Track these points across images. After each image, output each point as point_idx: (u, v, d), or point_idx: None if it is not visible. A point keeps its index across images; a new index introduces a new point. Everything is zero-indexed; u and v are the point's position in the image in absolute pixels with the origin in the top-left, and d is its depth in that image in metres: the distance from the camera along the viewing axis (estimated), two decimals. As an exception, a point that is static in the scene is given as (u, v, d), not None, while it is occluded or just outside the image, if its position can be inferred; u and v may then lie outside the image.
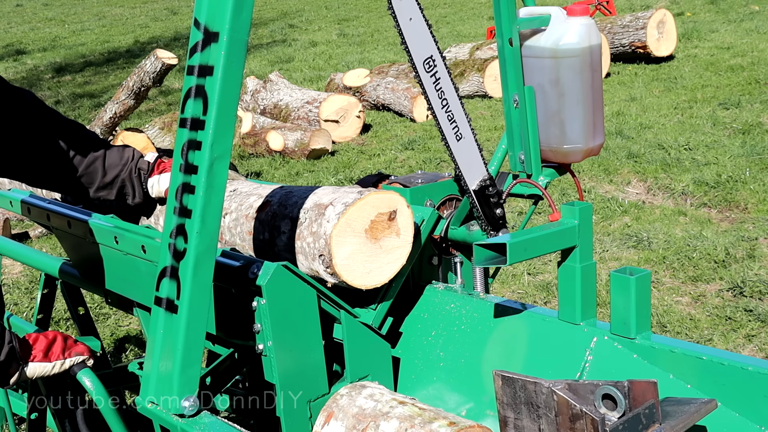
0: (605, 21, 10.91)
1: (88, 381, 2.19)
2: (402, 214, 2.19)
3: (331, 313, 2.15)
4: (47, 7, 22.07)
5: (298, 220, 2.18)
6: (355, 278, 2.13)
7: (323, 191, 2.23)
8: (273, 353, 2.00)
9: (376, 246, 2.15)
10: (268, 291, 1.97)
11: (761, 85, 8.96)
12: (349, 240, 2.10)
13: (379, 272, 2.17)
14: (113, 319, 4.81)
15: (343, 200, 2.12)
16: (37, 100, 2.39)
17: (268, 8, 19.27)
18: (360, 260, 2.13)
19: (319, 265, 2.11)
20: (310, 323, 2.07)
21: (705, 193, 6.08)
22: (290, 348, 2.04)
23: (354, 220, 2.11)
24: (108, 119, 7.37)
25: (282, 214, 2.24)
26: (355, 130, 8.59)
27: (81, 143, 2.40)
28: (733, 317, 4.34)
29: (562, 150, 2.47)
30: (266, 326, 1.99)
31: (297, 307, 2.04)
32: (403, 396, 2.02)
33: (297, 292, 2.04)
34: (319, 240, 2.10)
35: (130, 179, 2.45)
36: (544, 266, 5.12)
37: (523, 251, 2.07)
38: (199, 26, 1.78)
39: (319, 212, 2.13)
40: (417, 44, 2.28)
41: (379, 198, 2.14)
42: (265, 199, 2.33)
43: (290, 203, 2.24)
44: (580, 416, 1.72)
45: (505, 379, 1.90)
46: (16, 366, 2.06)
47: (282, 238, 2.22)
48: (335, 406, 2.03)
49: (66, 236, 2.68)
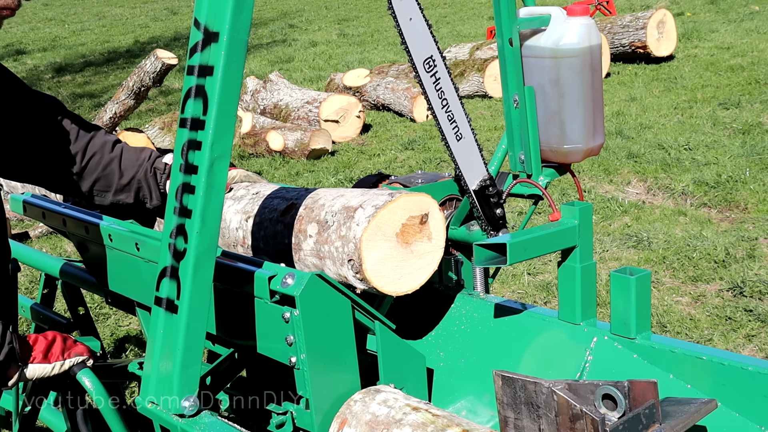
0: (605, 21, 10.91)
1: (88, 381, 2.18)
2: (434, 218, 2.11)
3: (365, 323, 2.07)
4: (47, 7, 22.06)
5: (326, 223, 2.10)
6: (385, 284, 2.05)
7: (351, 194, 2.15)
8: (307, 366, 1.93)
9: (407, 250, 2.07)
10: (302, 302, 1.89)
11: (761, 85, 8.96)
12: (380, 244, 2.03)
13: (410, 278, 2.09)
14: (113, 319, 4.81)
15: (373, 203, 2.05)
16: (59, 104, 2.37)
17: (268, 8, 19.26)
18: (391, 265, 2.05)
19: (348, 271, 2.04)
20: (344, 335, 1.99)
21: (705, 193, 6.08)
22: (324, 361, 1.96)
23: (385, 223, 2.03)
24: (108, 119, 7.37)
25: (308, 217, 2.16)
26: (355, 130, 8.59)
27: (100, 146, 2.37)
28: (733, 317, 4.34)
29: (563, 150, 2.47)
30: (300, 338, 1.92)
31: (332, 318, 1.96)
32: (417, 401, 1.97)
33: (331, 303, 1.96)
34: (348, 244, 2.02)
35: (146, 180, 2.39)
36: (544, 266, 5.12)
37: (523, 251, 2.07)
38: (199, 26, 1.78)
39: (348, 215, 2.06)
40: (417, 44, 2.28)
41: (411, 200, 2.07)
42: (290, 201, 2.26)
43: (317, 206, 2.17)
44: (580, 416, 1.72)
45: (505, 379, 1.90)
46: (16, 367, 2.05)
47: (309, 242, 2.14)
48: (349, 413, 1.98)
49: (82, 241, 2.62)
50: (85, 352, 2.19)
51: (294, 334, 1.93)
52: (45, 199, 2.81)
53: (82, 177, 2.37)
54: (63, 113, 2.36)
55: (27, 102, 2.28)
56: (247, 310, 2.07)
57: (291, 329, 1.93)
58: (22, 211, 2.87)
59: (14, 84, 2.27)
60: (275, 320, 1.97)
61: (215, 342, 2.51)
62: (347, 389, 2.01)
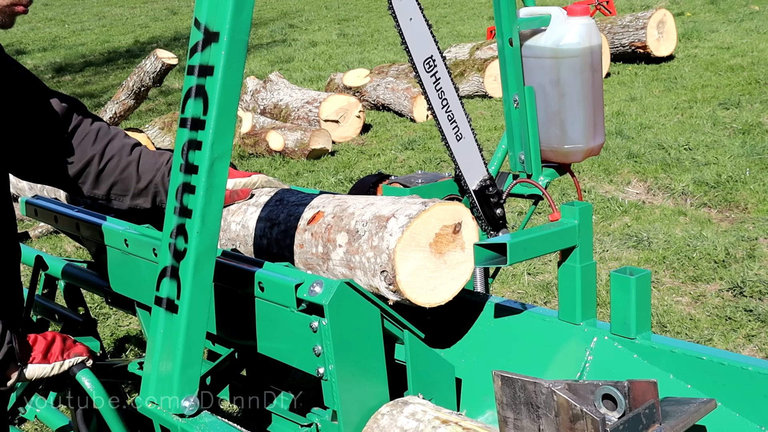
0: (605, 21, 10.91)
1: (88, 382, 2.18)
2: (467, 227, 2.07)
3: (394, 333, 2.03)
4: (47, 7, 22.05)
5: (357, 233, 2.05)
6: (419, 296, 2.01)
7: (382, 202, 2.11)
8: (335, 377, 1.87)
9: (440, 261, 2.03)
10: (330, 310, 1.84)
11: (761, 85, 8.96)
12: (413, 255, 1.98)
13: (444, 289, 2.05)
14: (113, 319, 4.81)
15: (405, 212, 2.01)
16: (79, 105, 2.35)
17: (268, 8, 19.27)
18: (424, 276, 2.01)
19: (380, 282, 1.99)
20: (374, 344, 1.94)
21: (705, 193, 6.08)
22: (353, 371, 1.91)
23: (419, 233, 1.98)
24: (108, 119, 7.37)
25: (337, 226, 2.11)
26: (355, 130, 8.59)
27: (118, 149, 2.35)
28: (733, 317, 4.34)
29: (563, 150, 2.47)
30: (328, 348, 1.86)
31: (361, 328, 1.91)
32: (448, 412, 1.91)
33: (361, 312, 1.90)
34: (381, 255, 1.97)
35: (163, 185, 2.35)
36: (544, 266, 5.12)
37: (523, 251, 2.07)
38: (200, 26, 1.78)
39: (380, 225, 2.01)
40: (417, 44, 2.28)
41: (444, 209, 2.03)
42: (317, 210, 2.20)
43: (345, 215, 2.11)
44: (581, 416, 1.72)
45: (504, 379, 1.89)
46: (15, 367, 2.04)
47: (338, 252, 2.09)
48: (376, 427, 1.92)
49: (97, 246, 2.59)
50: (84, 353, 2.19)
51: (322, 344, 1.87)
52: (56, 203, 2.80)
53: (100, 180, 2.34)
54: (83, 114, 2.34)
55: (46, 102, 2.27)
56: (248, 310, 2.07)
57: (319, 339, 1.88)
58: (34, 214, 2.86)
59: (33, 84, 2.26)
60: (302, 329, 1.91)
61: (215, 342, 2.51)
62: (376, 401, 1.96)
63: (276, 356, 2.08)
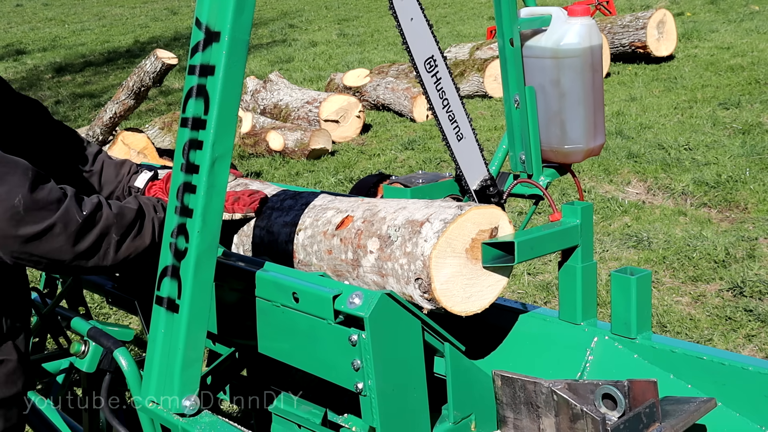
0: (605, 21, 10.92)
1: (124, 360, 2.11)
2: (504, 231, 2.00)
3: (434, 346, 1.94)
4: (47, 7, 22.06)
5: (389, 238, 1.97)
6: (455, 304, 1.93)
7: (414, 206, 2.03)
8: (375, 393, 1.79)
9: (476, 267, 1.95)
10: (371, 323, 1.75)
11: (761, 85, 8.96)
12: (449, 261, 1.90)
13: (480, 296, 1.98)
14: (113, 319, 4.81)
15: (441, 216, 1.93)
16: (42, 110, 2.32)
17: (268, 8, 19.27)
18: (460, 283, 1.93)
19: (414, 290, 1.91)
20: (415, 359, 1.86)
21: (705, 193, 6.08)
22: (393, 387, 1.82)
23: (454, 238, 1.90)
24: (108, 119, 7.38)
25: (368, 231, 2.03)
26: (355, 130, 8.59)
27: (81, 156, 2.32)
28: (733, 317, 4.35)
29: (563, 150, 2.47)
30: (368, 363, 1.78)
31: (402, 341, 1.82)
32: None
33: (402, 324, 1.82)
34: (416, 261, 1.90)
35: (124, 198, 2.32)
36: (544, 266, 5.12)
37: (530, 250, 2.05)
38: (201, 26, 1.78)
39: (414, 230, 1.93)
40: (418, 44, 2.28)
41: (481, 213, 1.96)
42: (346, 214, 2.12)
43: (376, 219, 2.04)
44: (581, 416, 1.72)
45: (504, 379, 1.90)
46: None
47: (369, 259, 2.01)
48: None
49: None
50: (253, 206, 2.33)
51: (361, 358, 1.79)
52: None
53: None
54: (46, 120, 2.30)
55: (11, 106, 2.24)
56: (250, 310, 2.07)
57: (358, 353, 1.79)
58: None
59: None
60: (339, 343, 1.83)
61: (216, 341, 2.51)
62: (416, 418, 1.88)
63: (309, 369, 2.01)
